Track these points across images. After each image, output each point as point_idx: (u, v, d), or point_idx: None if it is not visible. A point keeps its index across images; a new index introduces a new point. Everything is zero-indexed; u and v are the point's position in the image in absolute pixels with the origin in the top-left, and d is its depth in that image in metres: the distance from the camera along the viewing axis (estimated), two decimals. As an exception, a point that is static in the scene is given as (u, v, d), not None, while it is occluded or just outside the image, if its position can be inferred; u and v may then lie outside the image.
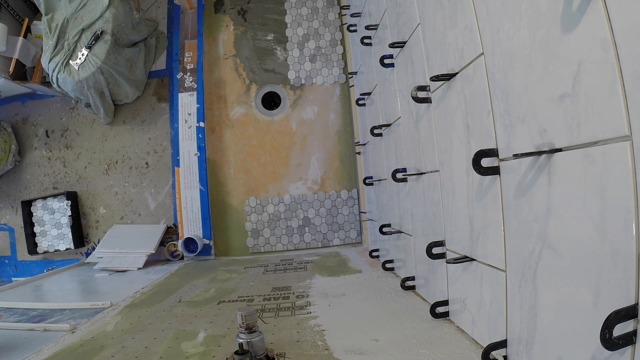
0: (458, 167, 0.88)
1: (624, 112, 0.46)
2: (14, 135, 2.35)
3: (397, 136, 1.30)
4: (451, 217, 0.94)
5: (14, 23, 2.19)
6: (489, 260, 0.79)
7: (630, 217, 0.46)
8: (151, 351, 0.98)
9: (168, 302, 1.38)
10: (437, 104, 0.97)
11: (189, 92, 2.21)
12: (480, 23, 0.74)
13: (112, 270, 1.96)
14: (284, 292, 1.39)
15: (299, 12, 2.31)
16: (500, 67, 0.70)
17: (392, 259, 1.50)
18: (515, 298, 0.70)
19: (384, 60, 1.30)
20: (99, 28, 1.95)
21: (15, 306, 1.48)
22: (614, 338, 0.46)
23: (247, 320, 0.85)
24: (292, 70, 2.28)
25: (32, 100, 2.39)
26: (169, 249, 2.16)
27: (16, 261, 2.38)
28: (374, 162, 1.73)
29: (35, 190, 2.37)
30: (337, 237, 2.19)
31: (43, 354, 1.01)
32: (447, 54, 0.89)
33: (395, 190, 1.39)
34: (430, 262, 1.05)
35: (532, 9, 0.59)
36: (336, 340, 0.95)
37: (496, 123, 0.73)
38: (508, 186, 0.70)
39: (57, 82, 2.04)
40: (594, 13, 0.48)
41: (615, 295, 0.48)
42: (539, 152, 0.60)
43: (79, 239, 2.28)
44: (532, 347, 0.66)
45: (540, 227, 0.62)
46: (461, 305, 0.92)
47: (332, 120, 2.25)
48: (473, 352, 0.82)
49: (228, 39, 2.33)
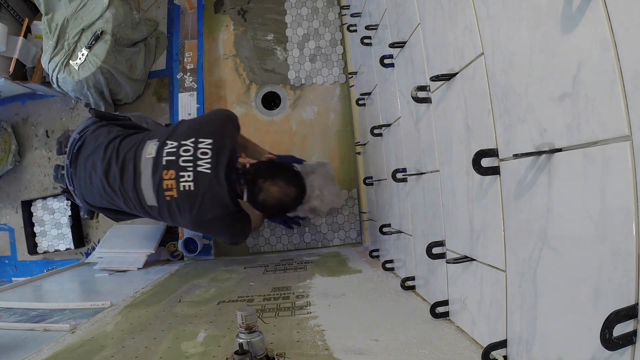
0: (458, 167, 0.88)
1: (624, 112, 0.46)
2: (14, 135, 2.36)
3: (397, 136, 1.30)
4: (451, 217, 0.94)
5: (14, 23, 2.19)
6: (489, 260, 0.79)
7: (630, 217, 0.46)
8: (151, 351, 0.98)
9: (168, 302, 1.38)
10: (437, 104, 0.97)
11: (189, 92, 2.21)
12: (480, 23, 0.75)
13: (112, 270, 1.96)
14: (284, 292, 1.39)
15: (299, 12, 2.31)
16: (500, 67, 0.70)
17: (392, 259, 1.50)
18: (515, 298, 0.70)
19: (384, 60, 1.30)
20: (99, 28, 1.95)
21: (15, 306, 1.48)
22: (614, 338, 0.46)
23: (247, 320, 0.85)
24: (292, 70, 2.28)
25: (32, 100, 2.39)
26: (169, 249, 2.16)
27: (16, 261, 2.38)
28: (374, 162, 1.73)
29: (35, 190, 2.37)
30: (337, 237, 2.19)
31: (43, 354, 1.01)
32: (447, 54, 0.89)
33: (395, 190, 1.39)
34: (430, 262, 1.05)
35: (532, 9, 0.60)
36: (336, 340, 0.95)
37: (496, 123, 0.73)
38: (508, 186, 0.70)
39: (57, 82, 2.04)
40: (594, 13, 0.48)
41: (615, 295, 0.48)
42: (539, 152, 0.60)
43: (79, 239, 2.28)
44: (532, 347, 0.66)
45: (540, 227, 0.62)
46: (461, 305, 0.92)
47: (332, 120, 2.25)
48: (473, 352, 0.82)
49: (228, 39, 2.33)
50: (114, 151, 1.57)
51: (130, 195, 1.54)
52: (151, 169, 1.51)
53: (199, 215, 1.49)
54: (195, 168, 1.48)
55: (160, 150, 1.53)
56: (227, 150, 1.52)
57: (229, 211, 1.52)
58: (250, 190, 1.54)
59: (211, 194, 1.48)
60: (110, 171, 1.56)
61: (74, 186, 1.69)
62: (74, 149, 1.66)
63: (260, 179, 1.54)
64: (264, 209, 1.62)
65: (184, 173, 1.48)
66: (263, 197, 1.55)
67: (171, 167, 1.49)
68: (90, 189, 1.62)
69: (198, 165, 1.49)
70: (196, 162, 1.49)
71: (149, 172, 1.51)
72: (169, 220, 1.58)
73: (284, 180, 1.57)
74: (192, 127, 1.60)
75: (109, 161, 1.56)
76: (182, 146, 1.52)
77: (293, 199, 1.61)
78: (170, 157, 1.51)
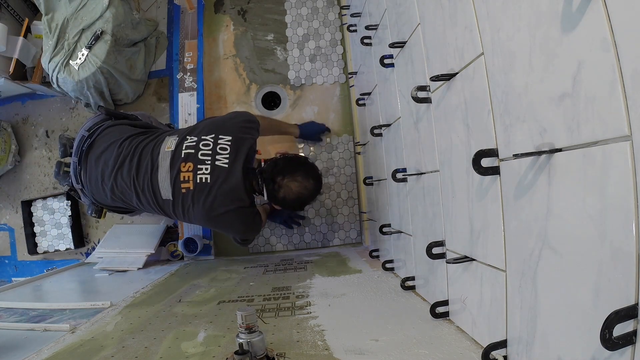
0: (458, 167, 0.88)
1: (624, 112, 0.46)
2: (14, 135, 2.35)
3: (397, 136, 1.30)
4: (451, 217, 0.94)
5: (14, 23, 2.19)
6: (489, 260, 0.79)
7: (630, 217, 0.46)
8: (151, 351, 0.98)
9: (168, 302, 1.38)
10: (437, 104, 0.97)
11: (189, 92, 2.21)
12: (480, 23, 0.75)
13: (112, 270, 1.96)
14: (284, 292, 1.39)
15: (299, 12, 2.31)
16: (500, 67, 0.70)
17: (392, 259, 1.50)
18: (515, 298, 0.70)
19: (384, 60, 1.30)
20: (99, 28, 1.95)
21: (15, 306, 1.48)
22: (614, 338, 0.46)
23: (247, 320, 0.85)
24: (292, 70, 2.28)
25: (32, 100, 2.39)
26: (169, 249, 2.16)
27: (16, 261, 2.38)
28: (374, 162, 1.73)
29: (35, 190, 2.37)
30: (337, 237, 2.19)
31: (43, 354, 1.01)
32: (447, 54, 0.89)
33: (395, 190, 1.39)
34: (430, 262, 1.05)
35: (532, 9, 0.60)
36: (336, 340, 0.95)
37: (496, 123, 0.73)
38: (508, 186, 0.70)
39: (57, 82, 2.04)
40: (594, 13, 0.48)
41: (615, 295, 0.48)
42: (539, 152, 0.60)
43: (79, 239, 2.28)
44: (532, 347, 0.66)
45: (540, 227, 0.62)
46: (461, 305, 0.92)
47: (332, 120, 2.25)
48: (473, 352, 0.82)
49: (228, 39, 2.33)
50: (129, 148, 1.59)
51: (145, 190, 1.55)
52: (169, 161, 1.54)
53: (212, 209, 1.51)
54: (213, 162, 1.51)
55: (180, 144, 1.56)
56: (245, 148, 1.55)
57: (243, 205, 1.54)
58: (270, 189, 1.56)
59: (227, 187, 1.50)
60: (124, 167, 1.57)
61: (82, 184, 1.69)
62: (83, 146, 1.66)
63: (279, 177, 1.57)
64: (285, 205, 1.63)
65: (202, 166, 1.51)
66: (283, 194, 1.57)
67: (189, 160, 1.52)
68: (102, 186, 1.62)
69: (216, 159, 1.51)
70: (215, 157, 1.52)
71: (167, 165, 1.54)
72: (181, 215, 1.58)
73: (301, 174, 1.59)
74: (214, 124, 1.63)
75: (123, 157, 1.58)
76: (201, 141, 1.55)
77: (312, 192, 1.63)
78: (190, 150, 1.54)
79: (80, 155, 1.67)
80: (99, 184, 1.62)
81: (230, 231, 1.66)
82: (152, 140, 1.62)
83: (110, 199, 1.64)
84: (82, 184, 1.69)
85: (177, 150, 1.55)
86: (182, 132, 1.63)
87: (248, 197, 1.55)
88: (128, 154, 1.58)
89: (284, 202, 1.61)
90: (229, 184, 1.50)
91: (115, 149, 1.60)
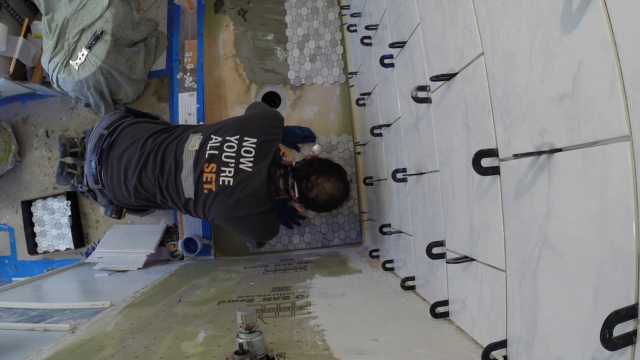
0: (458, 167, 0.88)
1: (624, 112, 0.46)
2: (14, 135, 2.35)
3: (397, 136, 1.30)
4: (451, 217, 0.94)
5: (14, 23, 2.19)
6: (489, 260, 0.79)
7: (630, 217, 0.46)
8: (151, 351, 0.98)
9: (168, 302, 1.38)
10: (437, 104, 0.97)
11: (189, 92, 2.21)
12: (480, 23, 0.75)
13: (112, 270, 1.96)
14: (284, 292, 1.39)
15: (299, 12, 2.31)
16: (500, 67, 0.70)
17: (392, 259, 1.50)
18: (515, 298, 0.70)
19: (384, 60, 1.30)
20: (99, 28, 1.95)
21: (15, 306, 1.48)
22: (614, 338, 0.46)
23: (247, 320, 0.85)
24: (292, 70, 2.28)
25: (32, 100, 2.39)
26: (169, 249, 2.16)
27: (16, 261, 2.38)
28: (374, 162, 1.73)
29: (35, 190, 2.37)
30: (337, 237, 2.19)
31: (43, 354, 1.01)
32: (447, 54, 0.89)
33: (395, 190, 1.39)
34: (430, 262, 1.05)
35: (532, 9, 0.60)
36: (336, 340, 0.95)
37: (496, 123, 0.73)
38: (508, 186, 0.70)
39: (57, 82, 2.04)
40: (594, 13, 0.48)
41: (615, 295, 0.48)
42: (539, 152, 0.60)
43: (79, 239, 2.28)
44: (532, 347, 0.66)
45: (540, 227, 0.62)
46: (461, 305, 0.92)
47: (332, 120, 2.25)
48: (473, 352, 0.82)
49: (228, 39, 2.33)
50: (152, 145, 1.59)
51: (170, 188, 1.56)
52: (193, 161, 1.54)
53: (233, 210, 1.51)
54: (237, 165, 1.51)
55: (205, 144, 1.56)
56: (270, 151, 1.54)
57: (264, 210, 1.53)
58: (301, 187, 1.56)
59: (250, 190, 1.49)
60: (148, 165, 1.57)
61: (102, 184, 1.68)
62: (103, 145, 1.65)
63: (313, 175, 1.57)
64: (314, 204, 1.62)
65: (225, 168, 1.51)
66: (316, 193, 1.57)
67: (213, 161, 1.52)
68: (124, 185, 1.62)
69: (240, 162, 1.51)
70: (239, 160, 1.51)
71: (190, 164, 1.53)
72: (202, 214, 1.58)
73: (335, 176, 1.60)
74: (239, 124, 1.61)
75: (147, 155, 1.58)
76: (226, 142, 1.55)
77: (343, 194, 1.63)
78: (214, 151, 1.53)
79: (100, 154, 1.65)
80: (121, 182, 1.62)
81: (249, 234, 1.64)
82: (175, 137, 1.62)
83: (134, 197, 1.63)
84: (103, 184, 1.67)
85: (201, 150, 1.55)
86: (207, 131, 1.61)
87: (270, 201, 1.53)
88: (152, 152, 1.58)
89: (315, 202, 1.59)
90: (252, 187, 1.49)
91: (138, 147, 1.59)
